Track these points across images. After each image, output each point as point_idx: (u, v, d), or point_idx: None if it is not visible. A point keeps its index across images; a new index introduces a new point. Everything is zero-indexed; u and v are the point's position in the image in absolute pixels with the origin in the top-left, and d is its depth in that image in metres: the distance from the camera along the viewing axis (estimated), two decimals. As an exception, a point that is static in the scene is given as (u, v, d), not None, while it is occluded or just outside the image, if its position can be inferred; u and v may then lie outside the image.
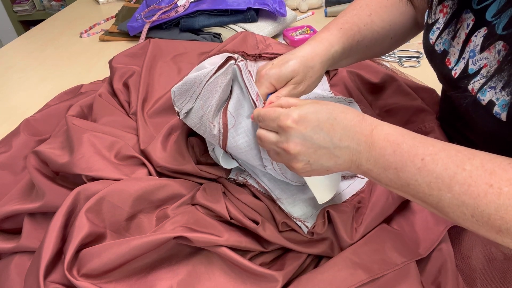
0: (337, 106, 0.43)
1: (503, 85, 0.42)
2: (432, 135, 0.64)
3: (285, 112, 0.42)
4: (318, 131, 0.41)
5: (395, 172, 0.40)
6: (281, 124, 0.42)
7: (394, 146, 0.40)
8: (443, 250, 0.50)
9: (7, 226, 0.58)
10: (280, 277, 0.46)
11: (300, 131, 0.41)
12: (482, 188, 0.36)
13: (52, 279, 0.46)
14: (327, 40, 0.53)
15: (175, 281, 0.47)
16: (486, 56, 0.47)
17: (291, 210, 0.53)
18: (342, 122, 0.41)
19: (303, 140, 0.42)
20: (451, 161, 0.37)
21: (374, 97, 0.76)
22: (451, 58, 0.53)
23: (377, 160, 0.41)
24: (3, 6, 2.53)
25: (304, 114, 0.41)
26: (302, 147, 0.42)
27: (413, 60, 0.98)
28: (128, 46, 1.11)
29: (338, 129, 0.41)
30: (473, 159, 0.37)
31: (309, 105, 0.42)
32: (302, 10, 1.30)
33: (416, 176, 0.39)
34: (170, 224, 0.51)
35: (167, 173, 0.58)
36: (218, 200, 0.53)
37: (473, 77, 0.48)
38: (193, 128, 0.54)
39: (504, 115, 0.43)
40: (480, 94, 0.46)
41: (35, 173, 0.58)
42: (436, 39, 0.55)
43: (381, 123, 0.42)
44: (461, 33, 0.51)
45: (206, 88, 0.50)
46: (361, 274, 0.47)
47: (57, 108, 0.78)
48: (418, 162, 0.38)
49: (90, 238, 0.48)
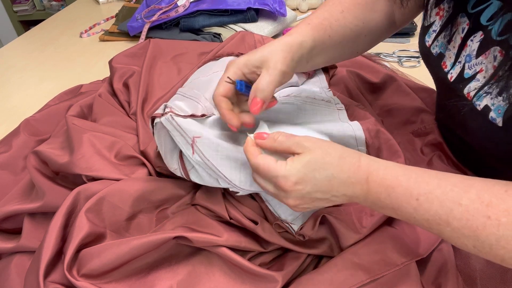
0: (333, 156, 0.42)
1: (499, 90, 0.42)
2: (432, 136, 0.65)
3: (282, 174, 0.41)
4: (316, 189, 0.42)
5: (393, 211, 0.41)
6: (280, 186, 0.42)
7: (389, 190, 0.40)
8: (443, 250, 0.50)
9: (7, 226, 0.58)
10: (280, 278, 0.46)
11: (299, 191, 0.42)
12: (481, 221, 0.36)
13: (52, 279, 0.46)
14: (296, 33, 0.52)
15: (175, 281, 0.47)
16: (482, 61, 0.47)
17: (278, 211, 0.53)
18: (338, 177, 0.41)
19: (302, 197, 0.43)
20: (446, 198, 0.38)
21: (374, 97, 0.76)
22: (447, 61, 0.53)
23: (374, 202, 0.42)
24: (3, 6, 2.53)
25: (302, 174, 0.41)
26: (301, 201, 0.43)
27: (413, 60, 0.98)
28: (128, 46, 1.11)
29: (336, 184, 0.42)
30: (469, 192, 0.37)
31: (305, 159, 0.42)
32: (302, 10, 1.30)
33: (413, 215, 0.40)
34: (170, 224, 0.51)
35: (167, 173, 0.58)
36: (218, 201, 0.53)
37: (468, 81, 0.48)
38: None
39: (500, 120, 0.43)
40: (476, 99, 0.46)
41: (35, 173, 0.58)
42: (432, 42, 0.55)
43: (376, 168, 0.42)
44: (457, 37, 0.51)
45: (155, 138, 0.53)
46: (361, 275, 0.47)
47: (57, 108, 0.78)
48: (413, 202, 0.39)
49: (90, 238, 0.48)
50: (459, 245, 0.39)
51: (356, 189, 0.42)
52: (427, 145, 0.64)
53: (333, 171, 0.41)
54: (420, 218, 0.39)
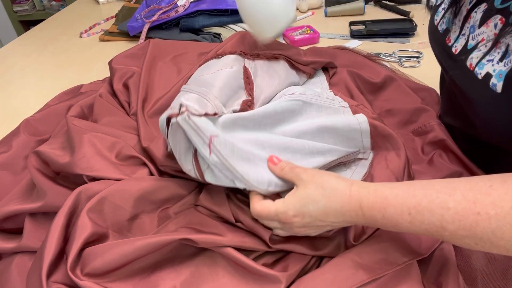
0: (325, 190, 0.45)
1: (500, 57, 0.44)
2: (432, 134, 0.65)
3: (281, 210, 0.46)
4: (313, 219, 0.46)
5: (392, 227, 0.43)
6: (282, 221, 0.47)
7: (382, 212, 0.43)
8: (444, 249, 0.50)
9: (8, 226, 0.57)
10: (284, 279, 0.46)
11: (299, 222, 0.46)
12: (472, 219, 0.37)
13: (54, 279, 0.46)
14: None
15: (178, 281, 0.47)
16: (483, 30, 0.48)
17: None
18: (332, 207, 0.45)
19: (304, 226, 0.47)
20: (434, 206, 0.39)
21: (374, 97, 0.76)
22: (452, 35, 0.54)
23: (373, 224, 0.45)
24: (3, 6, 2.53)
25: (298, 208, 0.46)
26: (306, 228, 0.48)
27: (413, 60, 0.98)
28: (128, 46, 1.11)
29: (330, 212, 0.45)
30: (454, 194, 0.39)
31: (299, 195, 0.46)
32: (302, 10, 1.30)
33: (411, 228, 0.41)
34: (172, 225, 0.51)
35: (170, 172, 0.58)
36: (222, 203, 0.53)
37: (471, 52, 0.49)
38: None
39: (500, 85, 0.44)
40: (478, 68, 0.47)
41: (36, 173, 0.58)
42: (440, 19, 0.56)
43: (366, 194, 0.44)
44: (463, 9, 0.52)
45: (169, 138, 0.52)
46: (362, 274, 0.47)
47: (57, 108, 0.78)
48: (406, 217, 0.41)
49: (93, 238, 0.48)
50: (464, 246, 0.40)
51: (352, 216, 0.45)
52: (428, 143, 0.65)
53: (325, 203, 0.45)
54: (418, 229, 0.41)
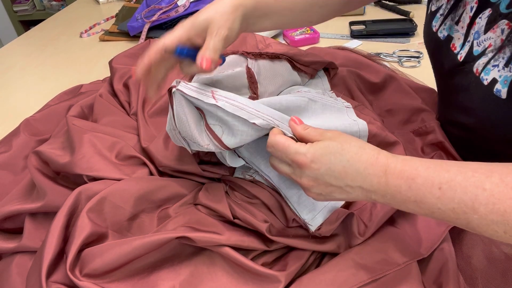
0: (352, 145, 0.42)
1: (505, 62, 0.43)
2: (432, 135, 0.65)
3: (300, 150, 0.43)
4: (330, 172, 0.42)
5: (415, 204, 0.40)
6: (295, 160, 0.43)
7: (409, 182, 0.40)
8: (444, 250, 0.50)
9: (8, 226, 0.57)
10: (283, 278, 0.46)
11: (313, 170, 0.43)
12: (508, 204, 0.35)
13: (54, 279, 0.46)
14: None
15: (177, 281, 0.47)
16: (490, 36, 0.47)
17: (298, 208, 0.53)
18: (354, 165, 0.42)
19: (315, 178, 0.43)
20: (469, 184, 0.37)
21: (374, 97, 0.76)
22: (456, 42, 0.53)
23: (394, 196, 0.41)
24: (3, 6, 2.53)
25: (318, 155, 0.42)
26: (314, 183, 0.44)
27: (413, 60, 0.98)
28: (128, 46, 1.11)
29: (350, 171, 0.42)
30: (492, 176, 0.37)
31: (324, 143, 0.43)
32: (302, 10, 1.30)
33: (438, 205, 0.39)
34: (172, 224, 0.51)
35: (169, 172, 0.58)
36: (221, 200, 0.53)
37: (478, 58, 0.49)
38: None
39: (504, 91, 0.44)
40: (484, 74, 0.46)
41: (36, 173, 0.58)
42: (440, 25, 0.56)
43: (394, 161, 0.41)
44: (465, 16, 0.52)
45: (177, 124, 0.51)
46: (362, 274, 0.47)
47: (57, 108, 0.78)
48: (436, 191, 0.38)
49: (92, 238, 0.48)
50: (489, 234, 0.37)
51: (374, 182, 0.41)
52: (428, 144, 0.65)
53: (349, 158, 0.42)
54: (445, 208, 0.38)
